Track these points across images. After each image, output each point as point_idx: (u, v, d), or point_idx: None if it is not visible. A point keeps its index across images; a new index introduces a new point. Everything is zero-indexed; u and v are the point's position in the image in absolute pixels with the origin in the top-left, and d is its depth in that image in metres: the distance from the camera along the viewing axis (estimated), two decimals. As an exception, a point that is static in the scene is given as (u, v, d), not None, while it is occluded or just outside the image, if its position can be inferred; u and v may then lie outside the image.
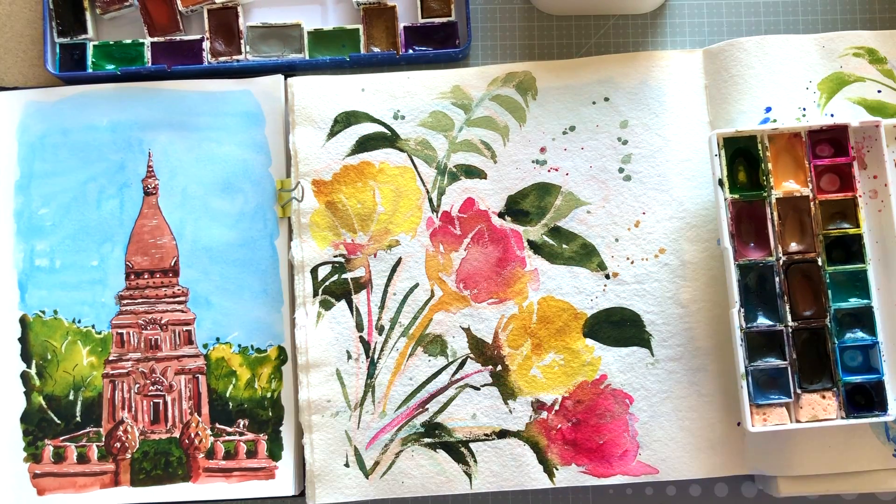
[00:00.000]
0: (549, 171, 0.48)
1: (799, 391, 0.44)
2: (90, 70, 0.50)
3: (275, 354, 0.48)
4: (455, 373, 0.47)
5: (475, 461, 0.47)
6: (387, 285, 0.48)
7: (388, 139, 0.48)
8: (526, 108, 0.49)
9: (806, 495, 0.46)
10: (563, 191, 0.48)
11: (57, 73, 0.50)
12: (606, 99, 0.49)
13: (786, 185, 0.45)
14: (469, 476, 0.46)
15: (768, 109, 0.47)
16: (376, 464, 0.47)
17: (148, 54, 0.50)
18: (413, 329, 0.47)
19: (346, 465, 0.46)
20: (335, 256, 0.48)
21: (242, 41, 0.50)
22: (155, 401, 0.48)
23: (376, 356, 0.47)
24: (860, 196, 0.45)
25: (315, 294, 0.47)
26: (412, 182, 0.48)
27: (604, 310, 0.47)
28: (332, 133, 0.49)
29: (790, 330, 0.44)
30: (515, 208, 0.48)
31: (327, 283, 0.48)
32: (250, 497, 0.47)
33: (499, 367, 0.47)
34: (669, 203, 0.48)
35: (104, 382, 0.48)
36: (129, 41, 0.50)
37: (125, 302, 0.49)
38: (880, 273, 0.45)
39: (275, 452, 0.48)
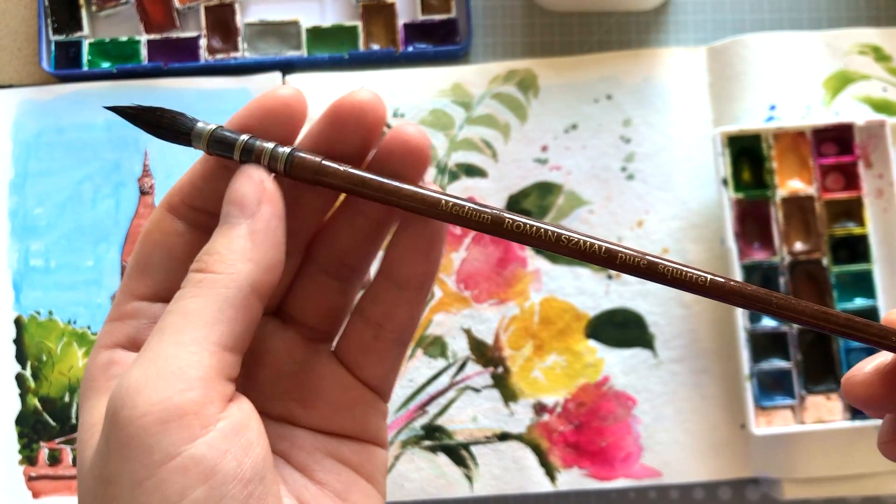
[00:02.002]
0: (550, 169, 0.48)
1: (804, 393, 0.43)
2: (86, 68, 0.50)
3: (272, 356, 0.48)
4: (455, 375, 0.47)
5: (476, 464, 0.46)
6: (386, 286, 0.47)
7: (388, 138, 0.48)
8: (527, 105, 0.48)
9: (811, 498, 0.45)
10: (565, 190, 0.48)
11: (52, 70, 0.50)
12: (609, 97, 0.48)
13: (790, 183, 0.45)
14: (470, 479, 0.46)
15: (772, 107, 0.47)
16: (375, 467, 0.46)
17: (144, 52, 0.50)
18: (413, 330, 0.47)
19: (345, 468, 0.46)
20: (334, 256, 0.47)
21: (240, 38, 0.50)
22: (151, 403, 0.48)
23: (375, 358, 0.47)
24: (865, 195, 0.44)
25: (313, 295, 0.47)
26: (412, 181, 0.48)
27: (606, 311, 0.47)
28: (331, 131, 0.48)
29: (795, 331, 0.44)
30: (517, 207, 0.48)
31: (326, 284, 0.47)
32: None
33: (500, 369, 0.47)
34: (673, 202, 0.47)
35: (100, 384, 0.48)
36: (124, 38, 0.50)
37: (121, 303, 0.48)
38: (885, 273, 0.45)
39: (273, 455, 0.47)
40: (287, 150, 0.23)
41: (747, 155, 0.45)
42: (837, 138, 0.45)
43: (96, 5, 0.50)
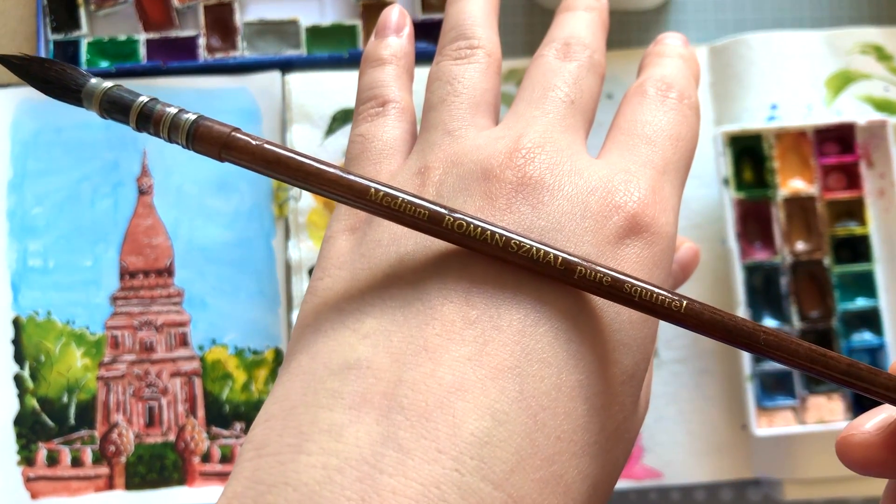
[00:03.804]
0: (551, 169, 0.48)
1: (805, 393, 0.43)
2: (84, 67, 0.50)
3: (271, 357, 0.48)
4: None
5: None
6: (386, 286, 0.47)
7: (388, 137, 0.48)
8: (527, 105, 0.48)
9: (812, 499, 0.45)
10: (566, 190, 0.47)
11: (50, 70, 0.49)
12: (609, 96, 0.48)
13: (792, 183, 0.45)
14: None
15: (774, 107, 0.46)
16: (375, 468, 0.46)
17: (143, 51, 0.50)
18: (413, 330, 0.47)
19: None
20: (333, 256, 0.47)
21: (238, 37, 0.50)
22: (150, 404, 0.47)
23: (375, 358, 0.46)
24: (867, 195, 0.44)
25: (313, 295, 0.47)
26: (412, 181, 0.47)
27: (607, 311, 0.47)
28: (330, 130, 0.48)
29: (797, 331, 0.43)
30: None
31: (325, 284, 0.47)
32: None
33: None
34: (674, 202, 0.47)
35: (98, 385, 0.47)
36: (123, 38, 0.50)
37: (119, 303, 0.48)
38: (887, 273, 0.44)
39: (272, 456, 0.47)
40: (192, 116, 0.21)
41: (749, 154, 0.45)
42: (839, 138, 0.45)
43: (95, 4, 0.50)
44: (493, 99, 0.26)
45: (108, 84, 0.21)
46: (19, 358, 0.48)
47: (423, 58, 0.50)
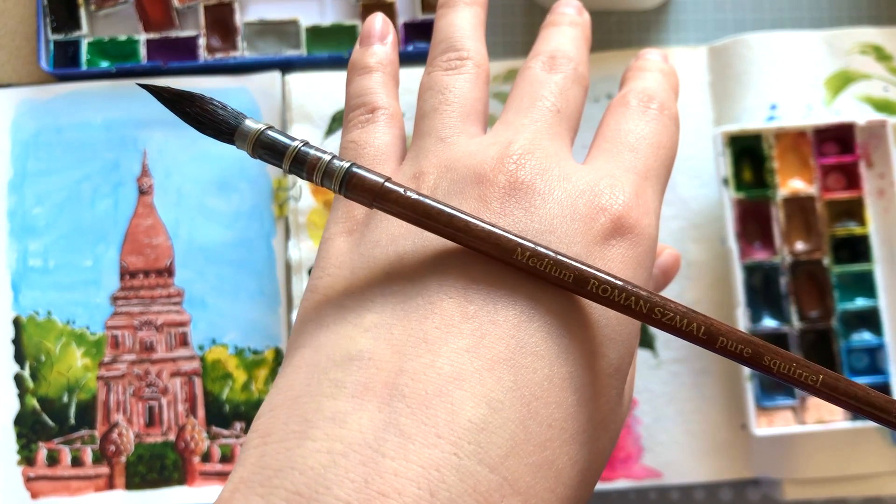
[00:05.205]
0: (550, 169, 0.48)
1: (805, 393, 0.43)
2: (84, 67, 0.50)
3: (271, 357, 0.48)
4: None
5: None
6: (386, 286, 0.47)
7: (387, 137, 0.48)
8: (527, 105, 0.48)
9: (812, 499, 0.45)
10: (565, 190, 0.48)
11: (51, 70, 0.49)
12: (609, 96, 0.48)
13: (791, 183, 0.45)
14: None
15: (774, 107, 0.46)
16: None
17: (143, 51, 0.50)
18: (412, 330, 0.47)
19: (345, 468, 0.46)
20: (333, 256, 0.47)
21: (239, 37, 0.50)
22: (150, 403, 0.47)
23: (375, 358, 0.46)
24: (866, 195, 0.44)
25: (313, 295, 0.47)
26: (411, 181, 0.47)
27: (606, 311, 0.47)
28: (330, 131, 0.48)
29: (796, 331, 0.44)
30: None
31: (325, 284, 0.47)
32: (247, 501, 0.47)
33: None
34: (673, 202, 0.47)
35: (98, 385, 0.47)
36: (123, 38, 0.50)
37: (119, 303, 0.48)
38: (887, 273, 0.45)
39: (272, 456, 0.47)
40: (345, 164, 0.21)
41: (748, 154, 0.45)
42: (838, 138, 0.45)
43: (95, 4, 0.50)
44: (483, 108, 0.27)
45: (260, 126, 0.22)
46: (19, 358, 0.48)
47: (422, 58, 0.50)
